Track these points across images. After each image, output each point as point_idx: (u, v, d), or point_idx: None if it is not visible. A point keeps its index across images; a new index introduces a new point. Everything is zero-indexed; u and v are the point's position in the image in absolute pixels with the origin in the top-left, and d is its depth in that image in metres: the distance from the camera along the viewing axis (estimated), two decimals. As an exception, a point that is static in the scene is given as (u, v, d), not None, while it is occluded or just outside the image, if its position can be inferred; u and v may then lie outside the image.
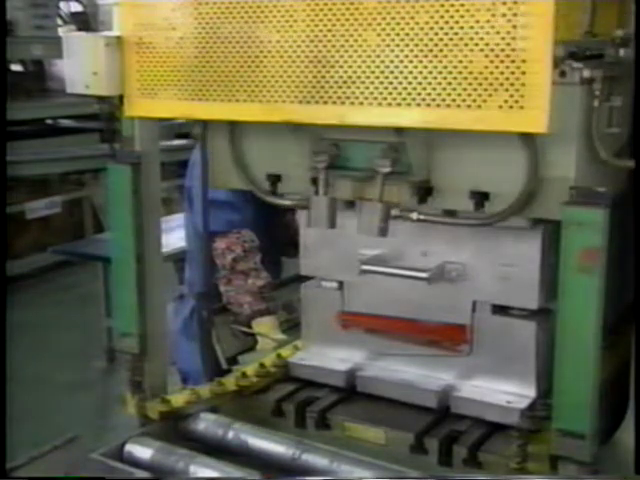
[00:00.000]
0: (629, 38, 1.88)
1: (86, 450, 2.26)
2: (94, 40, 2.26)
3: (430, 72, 1.86)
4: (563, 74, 1.86)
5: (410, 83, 1.89)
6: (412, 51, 1.87)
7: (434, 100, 1.87)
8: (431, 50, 1.85)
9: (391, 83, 1.91)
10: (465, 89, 1.83)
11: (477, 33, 1.80)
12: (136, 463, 2.27)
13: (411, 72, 1.88)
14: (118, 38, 2.25)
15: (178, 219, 4.58)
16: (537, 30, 1.74)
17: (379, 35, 1.90)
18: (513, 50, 1.77)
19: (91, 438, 2.52)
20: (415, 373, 2.47)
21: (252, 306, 3.25)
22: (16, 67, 9.32)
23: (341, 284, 2.58)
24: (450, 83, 1.84)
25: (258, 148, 2.38)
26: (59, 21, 8.97)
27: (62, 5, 9.28)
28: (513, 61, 1.77)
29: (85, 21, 9.04)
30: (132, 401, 2.46)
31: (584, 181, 1.92)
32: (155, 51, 2.22)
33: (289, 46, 2.02)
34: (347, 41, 1.94)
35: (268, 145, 2.35)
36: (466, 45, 1.81)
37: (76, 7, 9.63)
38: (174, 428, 2.43)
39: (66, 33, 2.21)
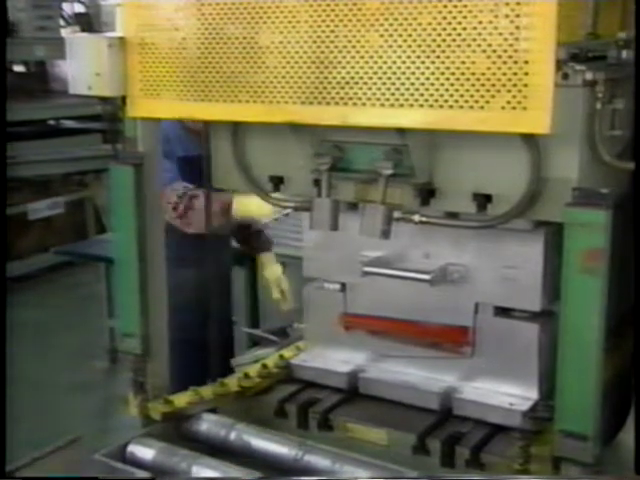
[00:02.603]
0: (632, 40, 1.88)
1: (88, 451, 2.27)
2: (97, 41, 2.26)
3: (432, 73, 1.86)
4: (566, 76, 1.86)
5: (413, 84, 1.89)
6: (415, 52, 1.87)
7: (437, 101, 1.87)
8: (434, 51, 1.85)
9: (394, 84, 1.91)
10: (468, 90, 1.83)
11: (480, 34, 1.79)
12: (139, 464, 2.27)
13: (414, 73, 1.88)
14: (121, 39, 2.26)
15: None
16: (540, 31, 1.74)
17: (382, 36, 1.90)
18: (516, 51, 1.77)
19: (93, 439, 2.52)
20: (417, 375, 2.47)
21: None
22: (19, 68, 9.32)
23: (343, 286, 2.58)
24: (453, 84, 1.84)
25: (260, 150, 2.38)
26: (62, 22, 8.96)
27: (65, 6, 9.28)
28: (516, 62, 1.77)
29: (88, 22, 9.02)
30: (134, 402, 2.47)
31: (587, 182, 1.92)
32: (158, 52, 2.22)
33: (291, 47, 2.02)
34: (350, 42, 1.94)
35: (270, 147, 2.35)
36: (469, 46, 1.81)
37: (79, 8, 9.64)
38: (176, 429, 2.44)
39: (69, 34, 2.20)
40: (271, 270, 3.88)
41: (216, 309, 2.70)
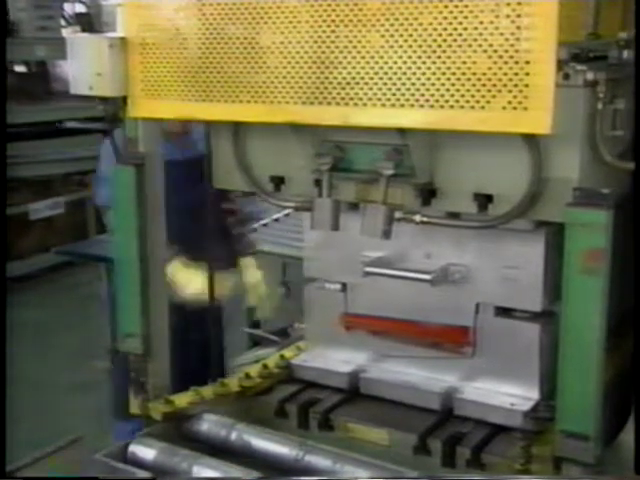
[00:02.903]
0: (632, 40, 1.88)
1: (89, 451, 2.27)
2: (98, 41, 2.26)
3: (434, 73, 1.86)
4: (567, 77, 1.86)
5: (414, 84, 1.89)
6: (415, 52, 1.87)
7: (437, 101, 1.87)
8: (435, 51, 1.85)
9: (394, 84, 1.91)
10: (469, 90, 1.83)
11: (481, 34, 1.79)
12: (140, 464, 2.27)
13: (414, 73, 1.88)
14: (122, 39, 2.26)
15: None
16: (541, 31, 1.74)
17: (382, 36, 1.90)
18: (517, 51, 1.77)
19: (94, 439, 2.52)
20: (418, 375, 2.47)
21: None
22: (20, 68, 9.31)
23: (344, 286, 2.58)
24: (454, 84, 1.84)
25: (261, 150, 2.38)
26: (63, 22, 8.96)
27: (66, 6, 9.28)
28: (517, 62, 1.77)
29: (89, 22, 9.01)
30: (135, 402, 2.47)
31: (588, 183, 1.92)
32: (159, 52, 2.22)
33: (292, 47, 2.02)
34: (350, 42, 1.94)
35: (271, 147, 2.35)
36: (470, 46, 1.81)
37: (80, 8, 9.64)
38: (177, 429, 2.43)
39: (70, 34, 2.21)
40: (251, 275, 3.82)
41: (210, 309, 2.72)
